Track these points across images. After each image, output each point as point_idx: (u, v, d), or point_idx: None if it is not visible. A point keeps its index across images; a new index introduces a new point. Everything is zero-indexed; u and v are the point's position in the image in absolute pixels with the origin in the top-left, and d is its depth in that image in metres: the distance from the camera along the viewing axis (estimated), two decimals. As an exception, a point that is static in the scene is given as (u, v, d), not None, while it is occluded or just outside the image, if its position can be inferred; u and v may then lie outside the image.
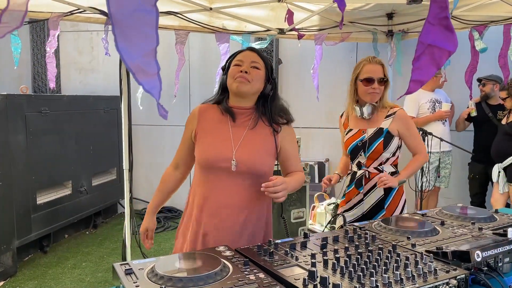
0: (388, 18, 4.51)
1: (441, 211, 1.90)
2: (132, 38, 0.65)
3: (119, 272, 1.25)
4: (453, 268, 1.27)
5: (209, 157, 1.81)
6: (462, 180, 4.79)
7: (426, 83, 0.88)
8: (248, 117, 1.87)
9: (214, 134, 1.85)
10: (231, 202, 1.81)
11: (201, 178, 1.87)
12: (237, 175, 1.79)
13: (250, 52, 1.89)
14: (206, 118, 1.89)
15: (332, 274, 1.24)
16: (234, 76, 1.81)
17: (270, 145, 1.86)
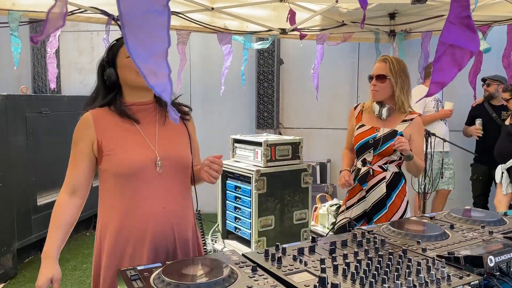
0: (390, 18, 4.48)
1: (449, 214, 1.87)
2: (143, 39, 0.63)
3: (124, 278, 1.22)
4: (467, 273, 1.24)
5: (131, 164, 1.57)
6: (465, 181, 4.77)
7: (447, 84, 0.86)
8: (152, 113, 1.68)
9: (124, 139, 1.61)
10: (162, 205, 1.61)
11: (118, 192, 1.60)
12: (163, 175, 1.61)
13: None
14: (105, 123, 1.62)
15: (343, 280, 1.21)
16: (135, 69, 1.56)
17: (184, 135, 1.73)
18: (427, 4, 3.53)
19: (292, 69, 5.65)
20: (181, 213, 1.67)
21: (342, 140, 5.85)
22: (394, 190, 2.49)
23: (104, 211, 1.67)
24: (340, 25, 4.33)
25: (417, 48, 4.61)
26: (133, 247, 1.59)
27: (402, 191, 2.51)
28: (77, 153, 1.64)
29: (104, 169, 1.61)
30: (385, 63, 2.45)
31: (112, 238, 1.61)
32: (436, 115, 4.30)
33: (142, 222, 1.59)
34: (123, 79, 1.63)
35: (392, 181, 2.49)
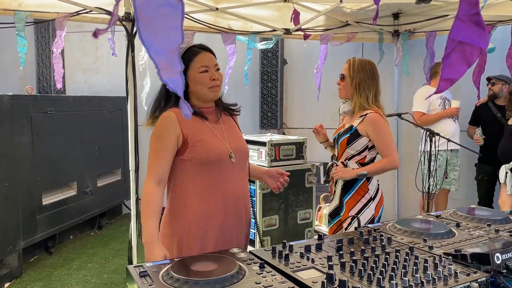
0: (394, 18, 4.49)
1: (455, 213, 1.87)
2: (157, 33, 0.64)
3: (133, 275, 1.23)
4: (473, 271, 1.25)
5: (214, 154, 1.85)
6: (469, 181, 4.76)
7: (456, 81, 0.86)
8: (213, 113, 1.98)
9: (204, 134, 1.87)
10: (236, 188, 1.91)
11: (202, 176, 1.85)
12: (235, 164, 1.90)
13: (210, 55, 1.93)
14: (185, 120, 1.84)
15: (350, 277, 1.22)
16: (208, 85, 1.87)
17: (238, 131, 2.05)
18: (431, 4, 3.54)
19: (296, 69, 5.65)
20: (248, 196, 2.00)
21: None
22: (353, 187, 2.53)
23: (182, 196, 1.87)
24: (344, 25, 4.34)
25: (421, 48, 4.61)
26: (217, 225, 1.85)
27: (362, 188, 2.53)
28: (163, 146, 1.83)
29: (188, 158, 1.83)
30: (347, 64, 2.65)
31: (194, 219, 1.84)
32: (442, 113, 4.30)
33: (225, 204, 1.86)
34: (194, 92, 1.90)
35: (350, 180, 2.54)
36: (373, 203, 2.52)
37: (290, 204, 3.75)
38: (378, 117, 2.51)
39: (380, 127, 2.50)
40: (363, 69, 2.56)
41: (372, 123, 2.49)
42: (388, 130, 2.53)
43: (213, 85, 1.88)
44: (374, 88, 2.57)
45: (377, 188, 2.56)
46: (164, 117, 1.86)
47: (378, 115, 2.51)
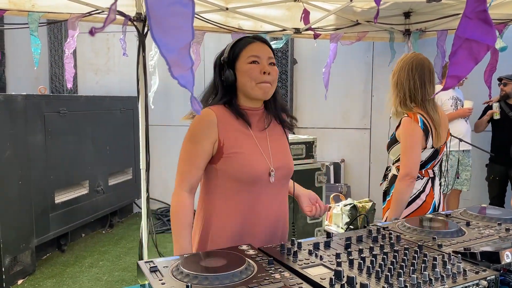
0: (405, 17, 4.46)
1: (465, 212, 1.87)
2: (168, 30, 0.65)
3: (144, 270, 1.25)
4: (483, 269, 1.24)
5: (249, 172, 1.60)
6: (481, 181, 4.72)
7: (463, 78, 0.86)
8: (261, 118, 1.70)
9: (243, 143, 1.62)
10: (271, 211, 1.68)
11: (234, 192, 1.63)
12: (274, 184, 1.66)
13: (264, 46, 1.63)
14: (226, 124, 1.62)
15: (359, 274, 1.22)
16: (256, 78, 1.58)
17: (286, 143, 1.77)
18: (443, 2, 3.51)
19: (306, 68, 5.65)
20: (286, 220, 1.77)
21: (356, 140, 5.86)
22: (389, 193, 2.45)
23: (210, 208, 1.67)
24: (354, 24, 4.32)
25: (432, 47, 4.58)
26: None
27: None
28: (198, 151, 1.61)
29: (221, 169, 1.62)
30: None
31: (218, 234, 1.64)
32: (454, 114, 4.27)
33: (255, 228, 1.65)
34: (241, 87, 1.63)
35: (390, 183, 2.48)
36: (408, 210, 2.34)
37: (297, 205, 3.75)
38: (408, 123, 2.29)
39: (403, 133, 2.31)
40: (403, 68, 2.35)
41: (401, 127, 2.33)
42: (410, 141, 2.28)
43: (263, 80, 1.58)
44: (416, 90, 2.32)
45: (411, 199, 2.34)
46: (202, 117, 1.61)
47: (410, 121, 2.28)
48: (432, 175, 2.41)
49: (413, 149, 2.27)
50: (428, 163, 2.37)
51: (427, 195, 2.38)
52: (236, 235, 1.63)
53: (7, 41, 6.35)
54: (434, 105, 2.37)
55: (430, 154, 2.36)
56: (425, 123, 2.29)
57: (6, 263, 3.65)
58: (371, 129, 5.47)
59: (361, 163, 5.52)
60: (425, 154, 2.33)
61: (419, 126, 2.27)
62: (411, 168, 2.25)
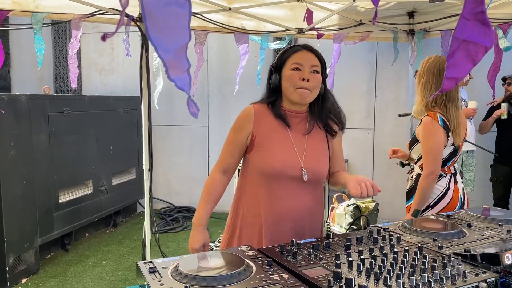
0: (409, 16, 4.44)
1: (467, 213, 1.86)
2: (165, 32, 0.65)
3: (143, 271, 1.26)
4: (483, 271, 1.24)
5: (277, 165, 1.72)
6: (485, 182, 4.70)
7: (461, 80, 0.86)
8: (303, 121, 1.82)
9: (276, 140, 1.75)
10: (298, 209, 1.77)
11: (261, 185, 1.77)
12: (305, 183, 1.76)
13: (309, 54, 1.77)
14: (263, 121, 1.78)
15: (357, 275, 1.22)
16: (295, 84, 1.72)
17: (326, 149, 1.84)
18: (446, 2, 3.49)
19: (309, 68, 5.64)
20: (313, 219, 1.84)
21: (359, 140, 5.85)
22: (415, 192, 2.48)
23: (240, 196, 1.87)
24: (358, 24, 4.31)
25: (436, 47, 4.56)
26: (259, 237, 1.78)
27: None
28: (235, 140, 1.82)
29: (251, 160, 1.80)
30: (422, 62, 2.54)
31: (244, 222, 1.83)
32: None
33: (276, 222, 1.75)
34: (284, 91, 1.78)
35: (415, 183, 2.51)
36: (430, 211, 2.42)
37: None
38: (429, 122, 2.38)
39: (424, 132, 2.39)
40: (429, 70, 2.44)
41: (422, 126, 2.42)
42: (432, 140, 2.37)
43: (301, 86, 1.71)
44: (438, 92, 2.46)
45: (439, 197, 2.43)
46: (243, 111, 1.83)
47: (431, 120, 2.37)
48: (453, 171, 2.50)
49: (435, 148, 2.37)
50: (449, 160, 2.45)
51: (453, 191, 2.46)
52: (258, 224, 1.77)
53: (12, 42, 6.39)
54: (457, 106, 2.45)
55: (451, 151, 2.44)
56: (444, 121, 2.38)
57: (10, 262, 3.68)
58: (375, 129, 5.45)
59: (365, 163, 5.51)
60: (446, 151, 2.42)
61: (439, 124, 2.36)
62: (434, 166, 2.37)
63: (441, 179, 2.44)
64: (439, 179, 2.43)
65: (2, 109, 3.44)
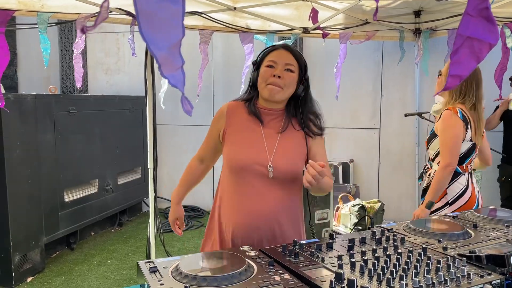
0: (415, 15, 4.40)
1: (473, 213, 1.83)
2: (158, 28, 0.64)
3: (143, 270, 1.25)
4: (488, 272, 1.22)
5: (243, 160, 1.73)
6: (492, 183, 4.65)
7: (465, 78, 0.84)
8: (278, 119, 1.80)
9: (246, 136, 1.77)
10: (265, 208, 1.72)
11: (231, 180, 1.78)
12: (272, 181, 1.72)
13: (285, 52, 1.77)
14: (235, 117, 1.81)
15: (360, 276, 1.21)
16: (266, 80, 1.72)
17: (302, 149, 1.78)
18: (453, 1, 3.46)
19: (315, 68, 5.62)
20: (280, 218, 1.75)
21: (365, 140, 5.81)
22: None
23: (222, 192, 1.87)
24: (364, 23, 4.28)
25: (443, 47, 4.52)
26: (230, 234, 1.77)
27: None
28: (209, 134, 1.93)
29: (224, 155, 1.83)
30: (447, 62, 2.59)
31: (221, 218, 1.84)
32: None
33: (246, 218, 1.74)
34: (258, 87, 1.80)
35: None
36: (448, 209, 2.43)
37: (308, 204, 3.73)
38: (449, 114, 2.40)
39: (443, 125, 2.40)
40: None
41: (441, 120, 2.43)
42: (451, 132, 2.38)
43: (271, 82, 1.70)
44: (467, 90, 2.44)
45: (458, 195, 2.44)
46: (220, 108, 1.90)
47: (451, 113, 2.40)
48: (470, 170, 2.51)
49: (453, 140, 2.38)
50: (467, 157, 2.46)
51: (472, 190, 2.47)
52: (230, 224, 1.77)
53: (19, 42, 6.43)
54: (480, 106, 2.48)
55: (469, 147, 2.44)
56: (464, 115, 2.40)
57: (15, 261, 3.70)
58: (381, 129, 5.42)
59: (370, 163, 5.48)
60: (464, 146, 2.43)
61: (458, 117, 2.38)
62: (451, 158, 2.37)
63: (461, 177, 2.45)
64: (459, 176, 2.44)
65: (8, 108, 3.46)
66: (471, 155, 2.47)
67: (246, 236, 1.73)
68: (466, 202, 2.44)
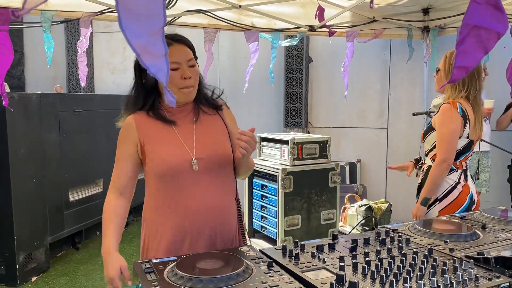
0: (424, 13, 4.33)
1: (481, 214, 1.78)
2: (137, 14, 0.61)
3: (138, 271, 1.22)
4: (496, 275, 1.16)
5: (168, 164, 1.61)
6: (502, 183, 4.56)
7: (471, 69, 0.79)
8: (190, 112, 1.71)
9: (163, 141, 1.64)
10: (202, 203, 1.63)
11: (160, 187, 1.65)
12: (200, 174, 1.62)
13: (180, 47, 1.63)
14: (145, 127, 1.66)
15: (362, 279, 1.16)
16: (178, 84, 1.60)
17: (221, 130, 1.73)
18: (462, -3, 3.39)
19: (322, 67, 5.57)
20: (224, 208, 1.68)
21: (373, 140, 5.75)
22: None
23: (150, 210, 1.72)
24: (371, 21, 4.22)
25: (452, 45, 4.43)
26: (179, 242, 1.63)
27: None
28: (121, 154, 1.69)
29: (148, 169, 1.65)
30: (444, 56, 2.51)
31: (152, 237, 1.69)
32: None
33: (186, 220, 1.61)
34: (163, 89, 1.59)
35: (426, 176, 2.44)
36: (437, 206, 2.39)
37: (313, 204, 3.68)
38: (448, 108, 2.33)
39: (441, 119, 2.33)
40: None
41: (439, 113, 2.36)
42: (449, 126, 2.31)
43: (185, 85, 1.60)
44: (469, 84, 2.37)
45: (447, 191, 2.38)
46: (124, 123, 1.71)
47: (450, 107, 2.33)
48: (465, 168, 2.43)
49: (451, 135, 2.31)
50: (463, 154, 2.39)
51: (463, 186, 2.40)
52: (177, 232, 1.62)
53: (26, 41, 6.45)
54: (480, 96, 2.42)
55: (465, 144, 2.38)
56: (463, 110, 2.32)
57: (20, 260, 3.69)
58: (388, 128, 5.35)
59: (378, 163, 5.40)
60: (461, 143, 2.36)
61: (458, 112, 2.31)
62: (448, 154, 2.31)
63: (452, 173, 2.38)
64: (450, 172, 2.38)
65: (13, 107, 3.45)
66: (467, 152, 2.41)
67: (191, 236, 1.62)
68: (456, 198, 2.37)
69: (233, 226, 1.71)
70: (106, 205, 1.69)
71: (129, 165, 1.68)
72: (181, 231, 1.62)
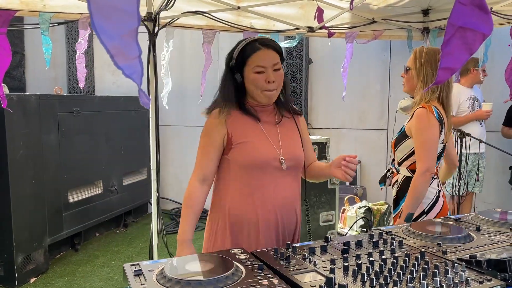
0: (424, 14, 4.32)
1: (477, 216, 1.76)
2: (110, 16, 0.60)
3: (128, 273, 1.21)
4: (488, 278, 1.15)
5: (260, 157, 1.73)
6: (503, 185, 4.53)
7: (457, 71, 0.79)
8: (271, 113, 1.85)
9: (251, 135, 1.77)
10: (284, 197, 1.79)
11: (245, 179, 1.76)
12: (285, 172, 1.78)
13: (268, 51, 1.73)
14: (233, 119, 1.78)
15: (352, 281, 1.15)
16: (261, 87, 1.72)
17: (298, 135, 1.87)
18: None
19: (321, 68, 5.56)
20: (296, 207, 1.86)
21: (373, 141, 5.73)
22: (403, 199, 2.25)
23: (221, 194, 1.83)
24: (370, 22, 4.21)
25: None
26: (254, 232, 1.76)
27: None
28: (210, 142, 1.79)
29: (232, 159, 1.76)
30: (413, 54, 2.32)
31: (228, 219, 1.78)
32: (470, 116, 4.10)
33: (266, 211, 1.75)
34: (248, 90, 1.78)
35: (403, 187, 2.28)
36: (432, 213, 2.21)
37: (312, 205, 3.68)
38: (425, 114, 2.15)
39: (420, 125, 2.15)
40: (433, 60, 2.21)
41: (415, 119, 2.18)
42: (429, 133, 2.14)
43: (267, 88, 1.72)
44: (443, 84, 2.22)
45: (433, 201, 2.21)
46: (213, 114, 1.80)
47: (426, 112, 2.15)
48: (437, 173, 2.31)
49: (432, 141, 2.16)
50: (438, 159, 2.26)
51: (443, 194, 2.29)
52: (252, 222, 1.75)
53: (27, 43, 6.47)
54: (451, 100, 2.28)
55: (440, 150, 2.26)
56: (440, 115, 2.19)
57: (19, 262, 3.69)
58: (388, 129, 5.33)
59: (378, 164, 5.38)
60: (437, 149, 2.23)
61: (435, 117, 2.16)
62: (430, 162, 2.14)
63: (433, 181, 2.22)
64: (432, 181, 2.21)
65: (12, 109, 3.45)
66: (441, 158, 2.30)
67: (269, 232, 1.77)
68: (442, 209, 2.23)
69: (297, 225, 1.89)
70: (189, 193, 1.77)
71: (217, 153, 1.79)
72: (255, 223, 1.75)
